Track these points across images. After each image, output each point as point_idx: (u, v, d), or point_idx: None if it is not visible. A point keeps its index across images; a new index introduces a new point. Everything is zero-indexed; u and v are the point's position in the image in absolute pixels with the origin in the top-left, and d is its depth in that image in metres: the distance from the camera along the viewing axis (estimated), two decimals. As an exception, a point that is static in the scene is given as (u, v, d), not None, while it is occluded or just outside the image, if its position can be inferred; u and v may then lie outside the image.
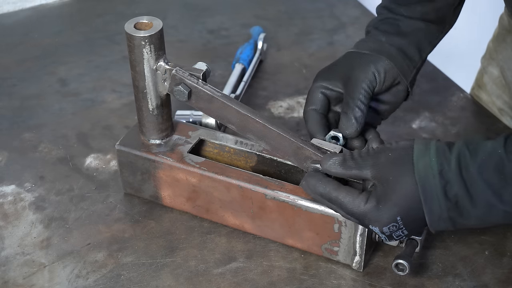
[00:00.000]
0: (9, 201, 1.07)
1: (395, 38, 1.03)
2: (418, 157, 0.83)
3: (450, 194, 0.81)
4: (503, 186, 0.79)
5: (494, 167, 0.79)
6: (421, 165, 0.83)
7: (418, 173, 0.82)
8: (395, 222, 0.84)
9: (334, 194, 0.87)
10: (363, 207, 0.85)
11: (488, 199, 0.80)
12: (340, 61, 1.04)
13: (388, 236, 0.86)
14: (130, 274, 0.96)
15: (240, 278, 0.96)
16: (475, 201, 0.80)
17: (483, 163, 0.80)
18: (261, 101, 1.28)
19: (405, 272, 0.90)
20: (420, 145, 0.84)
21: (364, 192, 0.87)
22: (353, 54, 1.04)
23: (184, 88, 0.95)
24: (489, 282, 0.95)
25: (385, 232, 0.86)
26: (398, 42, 1.03)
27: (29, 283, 0.95)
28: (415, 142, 0.85)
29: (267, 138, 0.95)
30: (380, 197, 0.85)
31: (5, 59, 1.41)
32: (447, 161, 0.81)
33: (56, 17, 1.55)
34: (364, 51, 1.02)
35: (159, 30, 0.94)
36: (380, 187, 0.85)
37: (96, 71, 1.37)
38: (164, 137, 1.03)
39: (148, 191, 1.05)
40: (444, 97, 1.29)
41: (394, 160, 0.85)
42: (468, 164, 0.80)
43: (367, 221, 0.86)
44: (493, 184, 0.79)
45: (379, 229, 0.86)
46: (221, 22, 1.52)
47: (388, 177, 0.84)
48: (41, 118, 1.25)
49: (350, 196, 0.86)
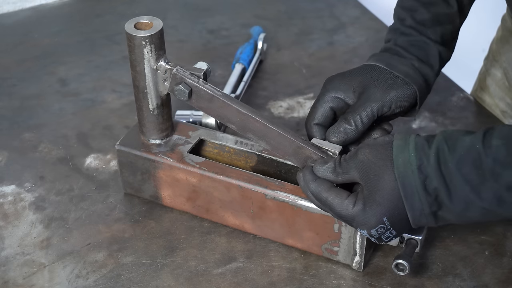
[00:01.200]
0: (9, 201, 1.07)
1: (425, 67, 1.00)
2: (397, 153, 0.82)
3: (430, 188, 0.80)
4: (481, 183, 0.78)
5: (472, 162, 0.78)
6: (400, 161, 0.82)
7: (398, 169, 0.81)
8: (382, 224, 0.84)
9: (324, 195, 0.87)
10: (351, 210, 0.85)
11: (466, 195, 0.79)
12: (359, 71, 0.99)
13: (377, 238, 0.86)
14: (130, 274, 0.96)
15: (240, 278, 0.96)
16: (454, 197, 0.79)
17: (461, 158, 0.79)
18: (261, 101, 1.28)
19: (405, 272, 0.90)
20: (399, 141, 0.83)
21: (352, 194, 0.86)
22: (378, 69, 0.98)
23: (184, 88, 0.95)
24: (489, 282, 0.95)
25: (374, 234, 0.85)
26: (426, 72, 0.99)
27: (29, 283, 0.95)
28: (394, 137, 0.84)
29: (267, 137, 0.95)
30: (366, 199, 0.84)
31: (5, 59, 1.41)
32: (426, 156, 0.80)
33: (56, 17, 1.55)
34: (395, 72, 0.97)
35: (159, 30, 0.94)
36: (366, 188, 0.84)
37: (96, 71, 1.37)
38: (164, 137, 1.03)
39: (148, 191, 1.05)
40: (444, 97, 1.29)
41: (374, 157, 0.84)
42: (447, 159, 0.79)
43: (355, 224, 0.85)
44: (471, 180, 0.78)
45: (367, 232, 0.85)
46: (221, 22, 1.52)
47: (369, 175, 0.83)
48: (41, 118, 1.25)
49: (339, 198, 0.86)
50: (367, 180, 0.84)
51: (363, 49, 1.43)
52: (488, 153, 0.77)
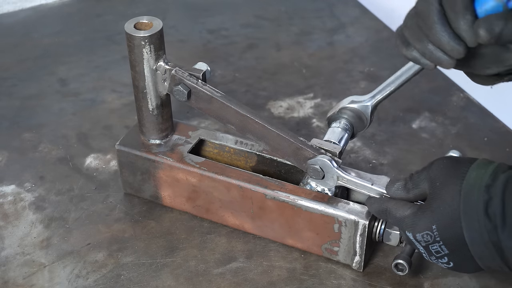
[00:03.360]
0: (9, 201, 1.07)
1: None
2: (475, 168, 0.79)
3: (490, 212, 0.75)
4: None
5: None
6: (473, 175, 0.78)
7: (467, 182, 0.77)
8: (429, 231, 0.80)
9: (385, 204, 0.86)
10: (405, 212, 0.83)
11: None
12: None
13: (425, 247, 0.81)
14: (130, 274, 0.96)
15: (240, 278, 0.96)
16: (507, 227, 0.74)
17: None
18: (261, 101, 1.28)
19: (404, 272, 0.90)
20: (483, 160, 0.80)
21: (415, 203, 0.84)
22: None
23: (183, 88, 0.95)
24: (489, 282, 0.95)
25: (419, 240, 0.81)
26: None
27: (29, 283, 0.95)
28: (480, 159, 0.81)
29: (267, 138, 0.95)
30: (423, 204, 0.81)
31: (5, 59, 1.41)
32: (497, 177, 0.76)
33: (56, 17, 1.55)
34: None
35: (159, 30, 0.94)
36: (429, 195, 0.81)
37: (96, 71, 1.37)
38: (164, 137, 1.03)
39: (148, 191, 1.05)
40: (444, 97, 1.29)
41: (448, 169, 0.80)
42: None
43: (404, 226, 0.83)
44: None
45: (412, 235, 0.82)
46: (221, 22, 1.52)
47: (436, 183, 0.80)
48: (41, 118, 1.25)
49: (399, 203, 0.85)
50: (432, 188, 0.81)
51: (363, 49, 1.43)
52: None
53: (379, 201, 0.88)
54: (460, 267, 0.82)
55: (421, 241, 0.81)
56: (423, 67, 0.82)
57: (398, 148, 1.17)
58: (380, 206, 0.87)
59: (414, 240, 0.82)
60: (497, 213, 0.75)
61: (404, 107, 1.26)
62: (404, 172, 1.11)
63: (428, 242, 0.81)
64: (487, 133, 1.20)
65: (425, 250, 0.82)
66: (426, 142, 1.18)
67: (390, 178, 0.94)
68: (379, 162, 1.14)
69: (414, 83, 1.32)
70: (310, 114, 1.24)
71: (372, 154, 1.15)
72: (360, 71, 1.35)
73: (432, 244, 0.81)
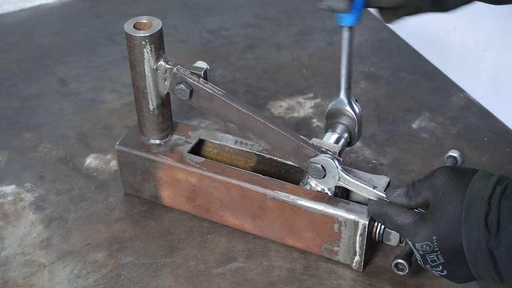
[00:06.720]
0: (9, 201, 1.07)
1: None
2: (478, 179, 0.79)
3: (489, 221, 0.76)
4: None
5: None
6: (476, 185, 0.78)
7: (469, 192, 0.78)
8: (429, 241, 0.81)
9: (385, 208, 0.86)
10: (406, 221, 0.83)
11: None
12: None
13: (421, 256, 0.83)
14: (130, 274, 0.96)
15: (240, 278, 0.96)
16: (501, 236, 0.75)
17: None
18: (261, 101, 1.28)
19: (404, 271, 0.90)
20: (485, 171, 0.80)
21: (415, 211, 0.85)
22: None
23: (185, 87, 0.95)
24: (489, 282, 0.95)
25: (418, 249, 0.82)
26: None
27: (29, 283, 0.95)
28: (481, 170, 0.81)
29: (267, 137, 0.95)
30: (425, 213, 0.82)
31: (5, 59, 1.41)
32: (497, 189, 0.77)
33: (56, 17, 1.55)
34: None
35: (159, 29, 0.94)
36: (431, 204, 0.81)
37: (96, 71, 1.37)
38: (164, 137, 1.03)
39: (148, 191, 1.05)
40: (444, 97, 1.29)
41: (451, 179, 0.81)
42: (509, 195, 0.76)
43: (404, 233, 0.84)
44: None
45: (411, 244, 0.83)
46: (221, 22, 1.52)
47: (439, 192, 0.81)
48: (41, 118, 1.25)
49: (400, 209, 0.85)
50: (435, 197, 0.81)
51: (363, 49, 1.43)
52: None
53: (379, 204, 0.88)
54: (453, 276, 0.83)
55: (419, 250, 0.82)
56: (337, 11, 0.93)
57: (398, 148, 1.17)
58: (380, 209, 0.87)
59: (413, 247, 0.84)
60: (493, 221, 0.76)
61: (404, 107, 1.26)
62: (404, 172, 1.11)
63: (426, 252, 0.82)
64: (487, 133, 1.20)
65: (421, 258, 0.84)
66: (426, 142, 1.18)
67: (390, 178, 0.96)
68: (379, 162, 1.14)
69: (414, 83, 1.32)
70: (310, 114, 1.24)
71: (372, 154, 1.15)
72: (360, 71, 1.35)
73: (430, 254, 0.82)
